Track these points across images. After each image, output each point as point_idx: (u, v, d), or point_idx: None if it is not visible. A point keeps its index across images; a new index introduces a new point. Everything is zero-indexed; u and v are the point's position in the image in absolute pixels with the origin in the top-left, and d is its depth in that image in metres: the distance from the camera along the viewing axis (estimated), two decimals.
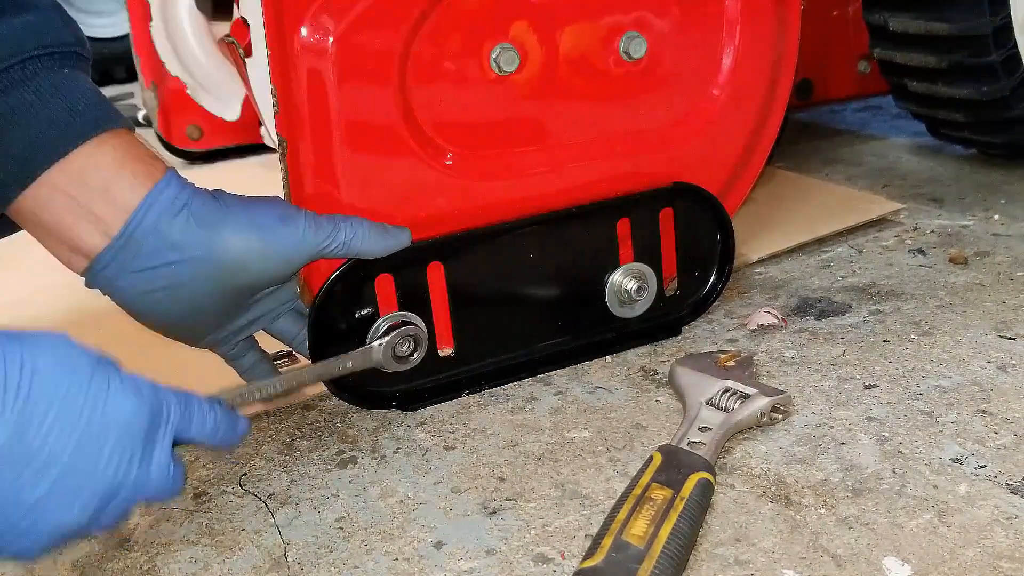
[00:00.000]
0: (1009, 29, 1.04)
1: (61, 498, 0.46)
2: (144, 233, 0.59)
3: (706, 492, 0.58)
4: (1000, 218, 1.04)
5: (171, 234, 0.59)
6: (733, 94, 0.84)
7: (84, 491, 0.47)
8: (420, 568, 0.56)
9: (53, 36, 0.59)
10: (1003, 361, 0.74)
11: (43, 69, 0.58)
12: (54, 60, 0.59)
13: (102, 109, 0.60)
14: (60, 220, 0.58)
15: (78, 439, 0.46)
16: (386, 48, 0.68)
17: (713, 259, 0.85)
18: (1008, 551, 0.54)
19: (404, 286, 0.71)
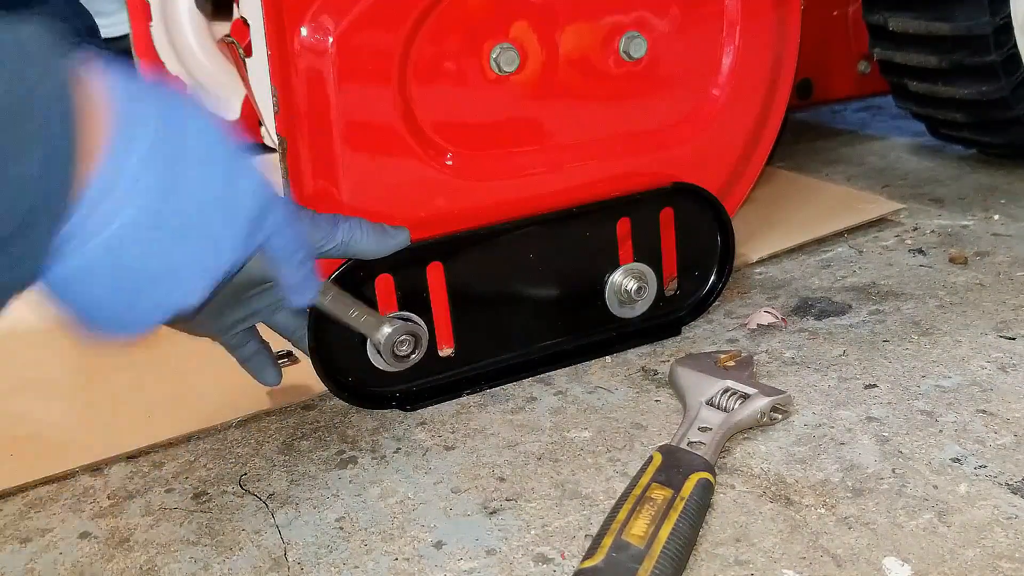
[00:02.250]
0: (1009, 29, 1.04)
1: (185, 274, 0.49)
2: None
3: (706, 492, 0.58)
4: (1000, 218, 1.04)
5: None
6: (733, 94, 0.84)
7: (206, 270, 0.50)
8: (420, 568, 0.56)
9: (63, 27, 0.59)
10: (1003, 361, 0.74)
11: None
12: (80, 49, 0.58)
13: None
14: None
15: (208, 214, 0.49)
16: (386, 48, 0.68)
17: (713, 259, 0.85)
18: (1008, 551, 0.54)
19: (404, 286, 0.71)
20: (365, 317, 0.67)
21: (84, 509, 0.65)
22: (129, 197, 0.45)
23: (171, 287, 0.50)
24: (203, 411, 0.75)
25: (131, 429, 0.73)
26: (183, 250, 0.49)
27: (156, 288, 0.49)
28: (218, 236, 0.50)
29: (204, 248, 0.50)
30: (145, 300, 0.49)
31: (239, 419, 0.74)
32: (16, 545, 0.61)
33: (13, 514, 0.65)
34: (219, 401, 0.76)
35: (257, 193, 0.52)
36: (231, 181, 0.50)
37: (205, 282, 0.51)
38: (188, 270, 0.50)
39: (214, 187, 0.49)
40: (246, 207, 0.52)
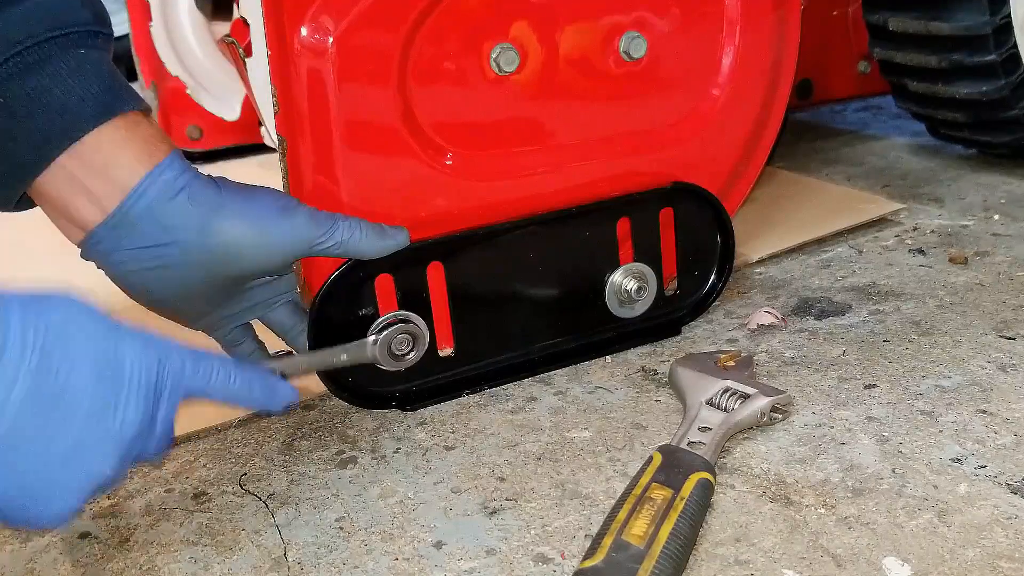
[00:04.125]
0: (1009, 29, 1.04)
1: (92, 445, 0.47)
2: (139, 213, 0.59)
3: (706, 492, 0.58)
4: (1000, 218, 1.04)
5: (165, 217, 0.59)
6: (733, 94, 0.84)
7: (110, 437, 0.47)
8: (420, 568, 0.56)
9: (69, 16, 0.59)
10: (1003, 361, 0.74)
11: (58, 51, 0.58)
12: (70, 41, 0.58)
13: (115, 92, 0.60)
14: (59, 193, 0.59)
15: (95, 386, 0.47)
16: (386, 48, 0.68)
17: (713, 259, 0.85)
18: (1008, 551, 0.54)
19: (404, 286, 0.71)
20: (348, 352, 0.68)
21: (84, 509, 0.65)
22: (11, 380, 0.44)
23: (39, 506, 0.47)
24: (203, 411, 0.75)
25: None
26: (52, 470, 0.46)
27: (23, 507, 0.46)
28: (94, 455, 0.47)
29: (77, 468, 0.47)
30: (17, 513, 0.46)
31: (239, 419, 0.74)
32: (16, 545, 0.61)
33: None
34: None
35: (143, 362, 0.49)
36: (109, 399, 0.47)
37: (78, 500, 0.48)
38: (58, 491, 0.47)
39: (91, 406, 0.47)
40: (130, 425, 0.48)
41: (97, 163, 0.58)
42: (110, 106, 0.59)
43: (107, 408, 0.47)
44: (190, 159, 0.64)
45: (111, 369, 0.47)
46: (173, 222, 0.59)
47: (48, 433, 0.45)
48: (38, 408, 0.45)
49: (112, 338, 0.48)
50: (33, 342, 0.45)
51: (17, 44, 0.56)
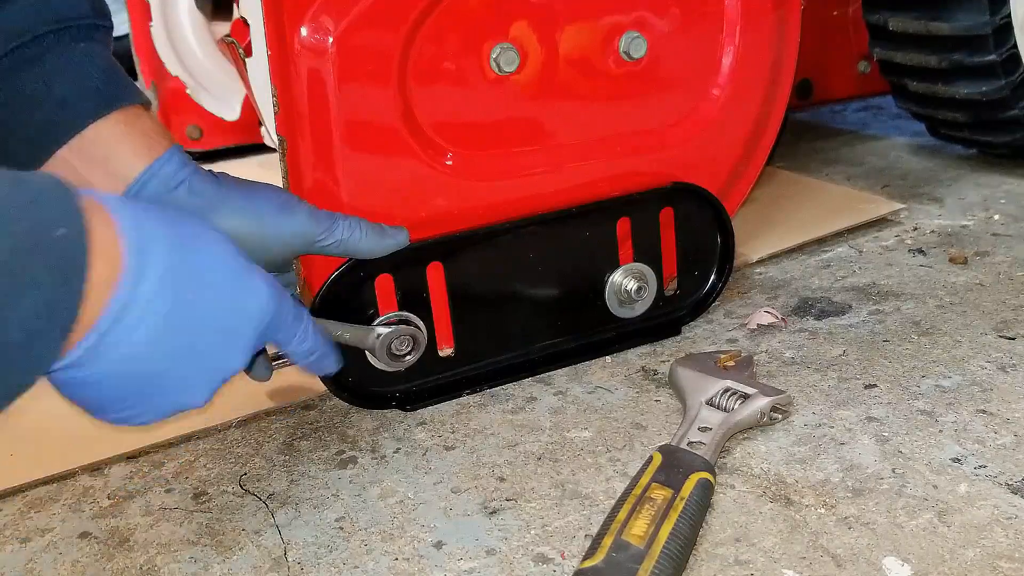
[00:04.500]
0: (1009, 29, 1.04)
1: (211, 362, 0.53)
2: None
3: (706, 492, 0.58)
4: (1000, 218, 1.04)
5: None
6: (733, 94, 0.84)
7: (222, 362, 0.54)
8: (420, 568, 0.56)
9: (69, 9, 0.59)
10: (1003, 361, 0.74)
11: (58, 45, 0.58)
12: (70, 35, 0.58)
13: (115, 86, 0.60)
14: None
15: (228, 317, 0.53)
16: (386, 48, 0.68)
17: (713, 259, 0.85)
18: (1008, 551, 0.54)
19: (404, 286, 0.71)
20: (351, 332, 0.68)
21: (84, 509, 0.65)
22: (142, 319, 0.48)
23: (178, 393, 0.53)
24: (203, 411, 0.75)
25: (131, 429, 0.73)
26: (190, 363, 0.52)
27: (164, 394, 0.52)
28: (227, 348, 0.54)
29: (211, 360, 0.53)
30: (152, 403, 0.53)
31: (239, 419, 0.74)
32: (16, 545, 0.61)
33: (13, 514, 0.65)
34: (219, 401, 0.76)
35: (264, 310, 0.54)
36: (239, 300, 0.53)
37: (212, 386, 0.54)
38: (195, 378, 0.53)
39: (224, 306, 0.52)
40: (253, 325, 0.54)
41: (97, 156, 0.58)
42: (110, 100, 0.59)
43: (216, 354, 0.53)
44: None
45: (234, 323, 0.53)
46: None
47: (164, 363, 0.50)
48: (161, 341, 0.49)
49: (245, 274, 0.54)
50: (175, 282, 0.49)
51: (17, 38, 0.57)
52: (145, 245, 0.48)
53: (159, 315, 0.49)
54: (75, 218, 0.45)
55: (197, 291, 0.51)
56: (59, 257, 0.44)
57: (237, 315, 0.53)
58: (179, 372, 0.52)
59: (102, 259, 0.46)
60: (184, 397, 0.54)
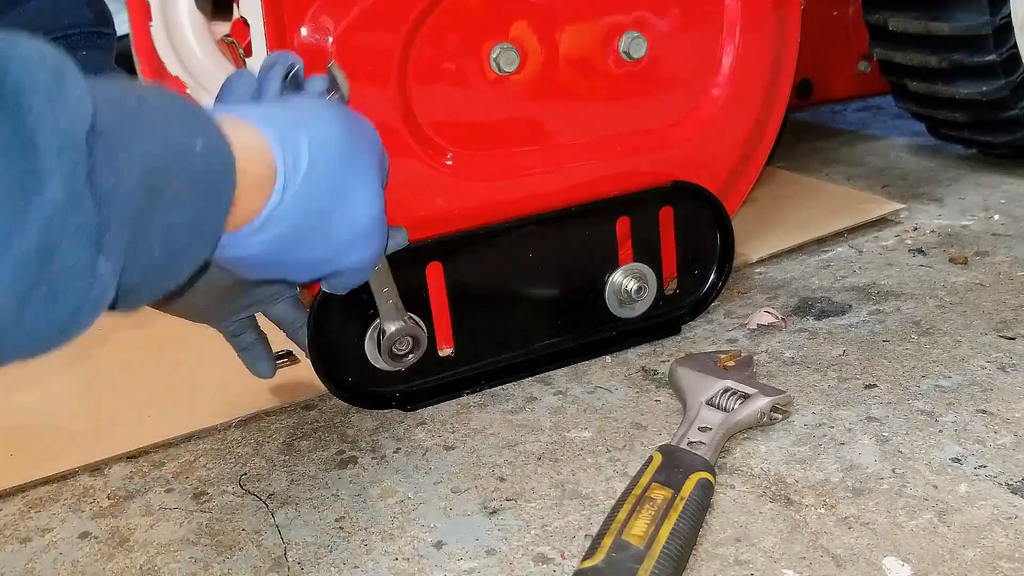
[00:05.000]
0: (1009, 29, 1.04)
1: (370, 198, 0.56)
2: None
3: (706, 492, 0.58)
4: (1000, 218, 1.04)
5: None
6: (733, 94, 0.84)
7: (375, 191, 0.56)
8: (420, 568, 0.56)
9: (71, 17, 0.58)
10: (1003, 361, 0.74)
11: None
12: (71, 42, 0.58)
13: None
14: None
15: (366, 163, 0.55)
16: (386, 48, 0.68)
17: (713, 258, 0.85)
18: (1008, 551, 0.54)
19: (404, 286, 0.71)
20: (391, 302, 0.68)
21: (84, 509, 0.65)
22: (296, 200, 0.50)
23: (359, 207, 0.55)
24: (203, 411, 0.75)
25: (131, 429, 0.73)
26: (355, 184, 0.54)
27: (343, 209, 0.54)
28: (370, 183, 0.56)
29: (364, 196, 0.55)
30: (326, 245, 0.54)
31: (239, 419, 0.74)
32: (16, 545, 0.61)
33: (13, 514, 0.65)
34: (219, 401, 0.76)
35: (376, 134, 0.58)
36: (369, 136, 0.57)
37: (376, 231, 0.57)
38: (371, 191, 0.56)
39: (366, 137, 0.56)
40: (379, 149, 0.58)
41: None
42: None
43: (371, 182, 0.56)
44: None
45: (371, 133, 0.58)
46: None
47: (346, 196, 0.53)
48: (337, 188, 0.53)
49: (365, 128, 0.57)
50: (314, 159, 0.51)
51: None
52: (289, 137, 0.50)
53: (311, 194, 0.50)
54: (211, 128, 0.45)
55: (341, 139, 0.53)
56: (204, 170, 0.44)
57: (375, 144, 0.57)
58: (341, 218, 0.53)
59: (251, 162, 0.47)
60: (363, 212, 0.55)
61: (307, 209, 0.51)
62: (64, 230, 0.35)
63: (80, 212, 0.36)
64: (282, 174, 0.48)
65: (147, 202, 0.39)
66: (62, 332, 0.38)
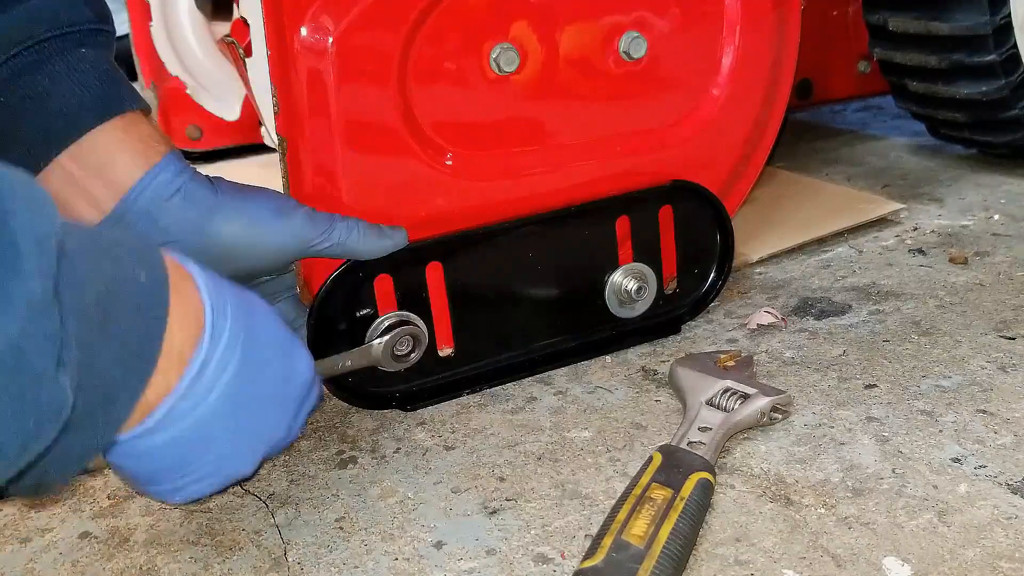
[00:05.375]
0: (1009, 29, 1.04)
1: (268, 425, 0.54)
2: (136, 215, 0.59)
3: (706, 492, 0.58)
4: (1000, 218, 1.04)
5: (161, 217, 0.59)
6: (733, 94, 0.84)
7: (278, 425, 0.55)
8: (420, 568, 0.56)
9: (70, 15, 0.59)
10: (1003, 361, 0.74)
11: (58, 51, 0.58)
12: (71, 40, 0.59)
13: (114, 92, 0.60)
14: (59, 194, 0.59)
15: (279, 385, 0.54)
16: (386, 48, 0.68)
17: (713, 257, 0.85)
18: (1008, 551, 0.54)
19: (403, 286, 0.71)
20: (353, 358, 0.69)
21: (84, 509, 0.65)
22: (216, 380, 0.49)
23: (230, 463, 0.53)
24: None
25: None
26: (246, 430, 0.52)
27: (217, 463, 0.52)
28: (277, 417, 0.55)
29: (264, 427, 0.54)
30: (204, 472, 0.52)
31: None
32: (16, 545, 0.61)
33: (13, 514, 0.65)
34: None
35: (308, 378, 0.57)
36: (289, 368, 0.55)
37: (258, 456, 0.55)
38: (247, 447, 0.54)
39: (277, 374, 0.54)
40: (299, 393, 0.56)
41: (95, 163, 0.58)
42: (109, 106, 0.59)
43: (274, 416, 0.55)
44: (190, 159, 0.64)
45: (291, 376, 0.55)
46: (169, 223, 0.59)
47: (228, 428, 0.51)
48: (229, 405, 0.50)
49: (296, 350, 0.56)
50: (245, 332, 0.51)
51: (18, 44, 0.57)
52: (221, 303, 0.49)
53: (229, 377, 0.50)
54: (157, 264, 0.45)
55: (259, 354, 0.52)
56: (143, 302, 0.43)
57: (288, 382, 0.55)
58: (234, 440, 0.52)
59: (183, 310, 0.46)
60: (235, 467, 0.54)
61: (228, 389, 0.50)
62: (35, 334, 0.35)
63: (48, 320, 0.36)
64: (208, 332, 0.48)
65: (97, 326, 0.40)
66: (22, 448, 0.38)
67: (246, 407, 0.51)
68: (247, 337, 0.51)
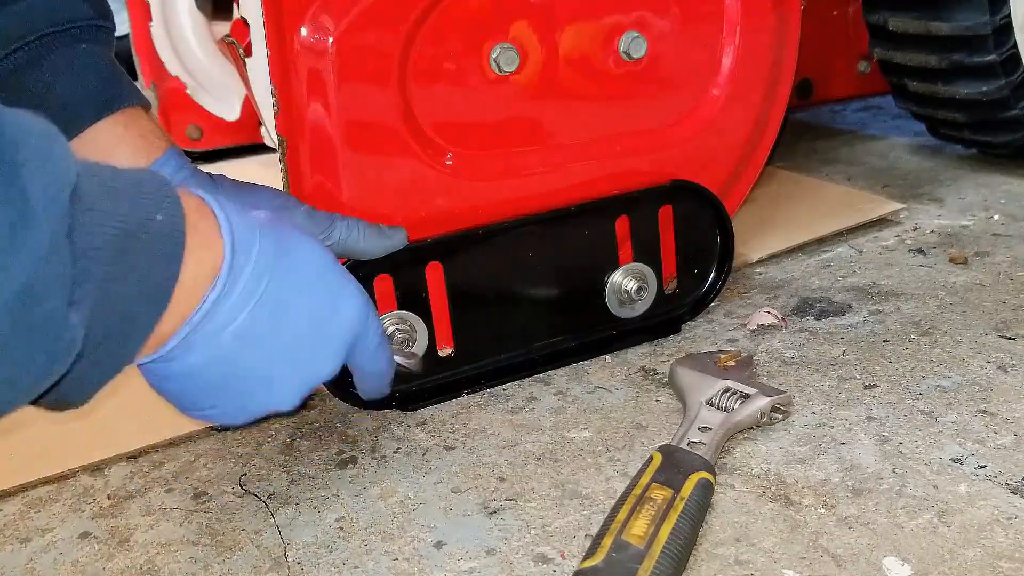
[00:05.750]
0: (1009, 29, 1.04)
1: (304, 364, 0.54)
2: None
3: (706, 492, 0.58)
4: (1000, 218, 1.04)
5: None
6: (733, 94, 0.84)
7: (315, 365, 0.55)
8: (420, 568, 0.56)
9: (70, 10, 0.59)
10: (1003, 361, 0.74)
11: (58, 46, 0.58)
12: (70, 36, 0.59)
13: (114, 88, 0.60)
14: None
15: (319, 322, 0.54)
16: (386, 48, 0.68)
17: (713, 257, 0.85)
18: (1008, 551, 0.54)
19: (403, 286, 0.71)
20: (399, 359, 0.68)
21: (84, 509, 0.65)
22: (234, 313, 0.49)
23: (268, 393, 0.54)
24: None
25: (131, 429, 0.73)
26: (284, 362, 0.53)
27: (254, 393, 0.53)
28: (319, 352, 0.55)
29: (304, 362, 0.54)
30: (241, 401, 0.53)
31: None
32: (16, 545, 0.61)
33: (13, 514, 0.65)
34: None
35: (358, 314, 0.56)
36: (335, 305, 0.54)
37: (301, 391, 0.55)
38: (287, 380, 0.54)
39: (319, 309, 0.54)
40: (346, 329, 0.56)
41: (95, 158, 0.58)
42: (109, 101, 0.59)
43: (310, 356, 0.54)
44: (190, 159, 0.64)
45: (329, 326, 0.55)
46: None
47: (258, 359, 0.51)
48: (257, 335, 0.51)
49: (341, 280, 0.56)
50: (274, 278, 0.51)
51: (18, 40, 0.57)
52: (242, 238, 0.49)
53: (253, 311, 0.50)
54: (174, 205, 0.45)
55: (293, 291, 0.52)
56: (159, 241, 0.44)
57: (331, 320, 0.55)
58: (269, 372, 0.52)
59: (200, 248, 0.47)
60: (272, 398, 0.54)
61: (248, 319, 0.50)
62: (45, 277, 0.37)
63: (59, 263, 0.38)
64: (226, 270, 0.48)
65: (112, 265, 0.41)
66: (34, 381, 0.40)
67: (273, 343, 0.52)
68: (277, 275, 0.51)
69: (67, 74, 0.58)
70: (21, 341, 0.37)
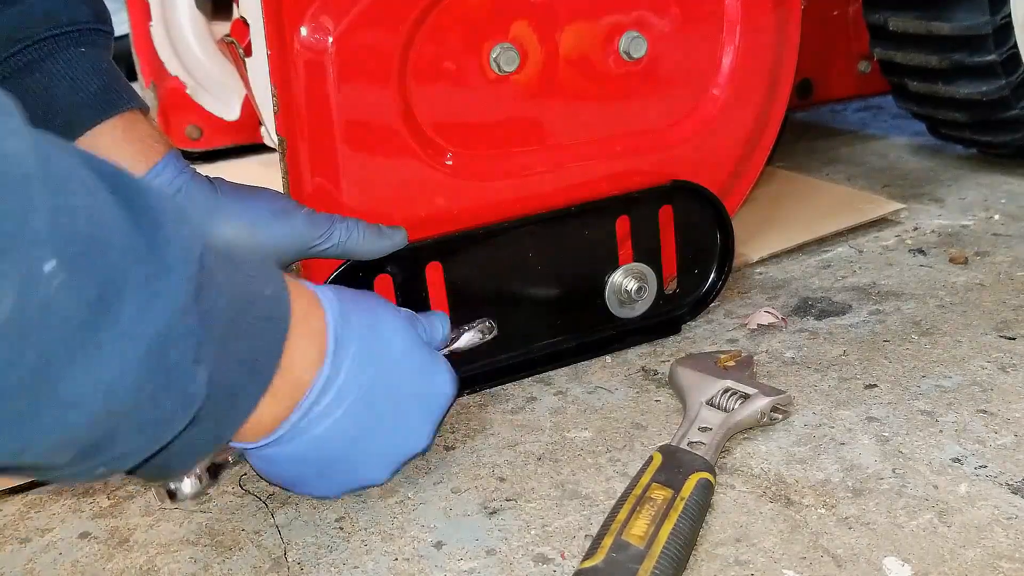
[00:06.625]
0: (1009, 29, 1.04)
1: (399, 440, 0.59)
2: None
3: (706, 492, 0.58)
4: (1000, 218, 1.04)
5: None
6: (733, 94, 0.84)
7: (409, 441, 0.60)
8: (420, 568, 0.56)
9: (69, 14, 0.59)
10: (1003, 361, 0.74)
11: (57, 49, 0.58)
12: (69, 39, 0.59)
13: (113, 92, 0.60)
14: None
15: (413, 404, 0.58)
16: (386, 48, 0.68)
17: (713, 257, 0.85)
18: (1008, 551, 0.54)
19: (403, 286, 0.71)
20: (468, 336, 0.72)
21: (84, 509, 0.65)
22: (340, 399, 0.52)
23: (368, 470, 0.58)
24: None
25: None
26: (384, 442, 0.56)
27: (348, 473, 0.58)
28: (413, 428, 0.59)
29: (403, 440, 0.59)
30: (342, 479, 0.58)
31: None
32: (16, 545, 0.61)
33: (13, 514, 0.65)
34: None
35: (448, 395, 0.60)
36: (428, 380, 0.58)
37: (395, 465, 0.60)
38: (386, 458, 0.59)
39: (412, 386, 0.57)
40: (443, 406, 0.60)
41: None
42: (108, 105, 0.59)
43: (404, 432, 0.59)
44: (190, 159, 0.64)
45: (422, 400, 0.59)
46: None
47: (356, 441, 0.56)
48: (356, 421, 0.54)
49: (431, 360, 0.59)
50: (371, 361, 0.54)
51: (16, 43, 0.57)
52: (345, 321, 0.52)
53: (356, 395, 0.53)
54: (279, 283, 0.48)
55: (391, 373, 0.55)
56: (267, 314, 0.47)
57: (426, 398, 0.58)
58: (366, 452, 0.56)
59: (305, 337, 0.50)
60: (370, 474, 0.59)
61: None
62: (179, 329, 0.39)
63: (190, 318, 0.40)
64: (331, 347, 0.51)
65: (227, 330, 0.44)
66: (158, 429, 0.42)
67: (372, 427, 0.55)
68: (379, 354, 0.54)
69: (66, 77, 0.58)
70: (154, 383, 0.39)
